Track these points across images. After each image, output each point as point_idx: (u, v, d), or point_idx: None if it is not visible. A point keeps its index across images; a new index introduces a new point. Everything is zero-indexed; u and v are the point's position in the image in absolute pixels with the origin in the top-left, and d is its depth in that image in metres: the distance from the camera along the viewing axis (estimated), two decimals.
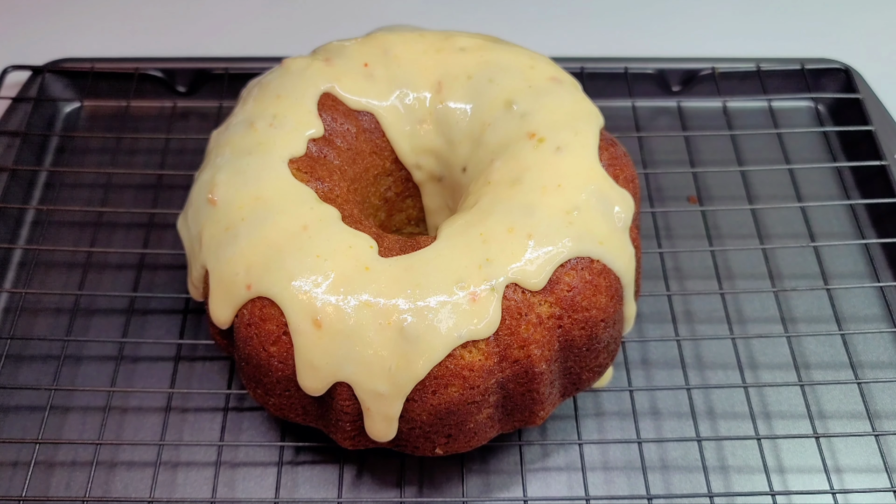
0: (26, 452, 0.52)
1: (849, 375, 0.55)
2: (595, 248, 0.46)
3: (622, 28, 0.77)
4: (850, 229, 0.64)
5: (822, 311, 0.59)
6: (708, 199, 0.65)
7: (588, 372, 0.49)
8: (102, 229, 0.63)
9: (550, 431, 0.54)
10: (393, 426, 0.46)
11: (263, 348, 0.46)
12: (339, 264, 0.45)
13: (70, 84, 0.71)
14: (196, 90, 0.71)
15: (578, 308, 0.46)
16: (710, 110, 0.71)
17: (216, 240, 0.48)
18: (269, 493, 0.51)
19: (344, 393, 0.45)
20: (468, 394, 0.44)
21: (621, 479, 0.52)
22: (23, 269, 0.61)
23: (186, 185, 0.63)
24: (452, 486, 0.52)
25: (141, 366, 0.56)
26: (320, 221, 0.47)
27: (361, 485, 0.51)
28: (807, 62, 0.71)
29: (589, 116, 0.51)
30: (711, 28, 0.78)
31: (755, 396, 0.55)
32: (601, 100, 0.66)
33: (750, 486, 0.52)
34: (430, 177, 0.55)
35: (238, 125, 0.52)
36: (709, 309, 0.59)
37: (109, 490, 0.51)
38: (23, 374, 0.56)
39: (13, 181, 0.63)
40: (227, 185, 0.49)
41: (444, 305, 0.43)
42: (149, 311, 0.59)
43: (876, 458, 0.53)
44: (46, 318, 0.59)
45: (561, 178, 0.48)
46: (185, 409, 0.54)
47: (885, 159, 0.64)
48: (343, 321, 0.44)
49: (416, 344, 0.43)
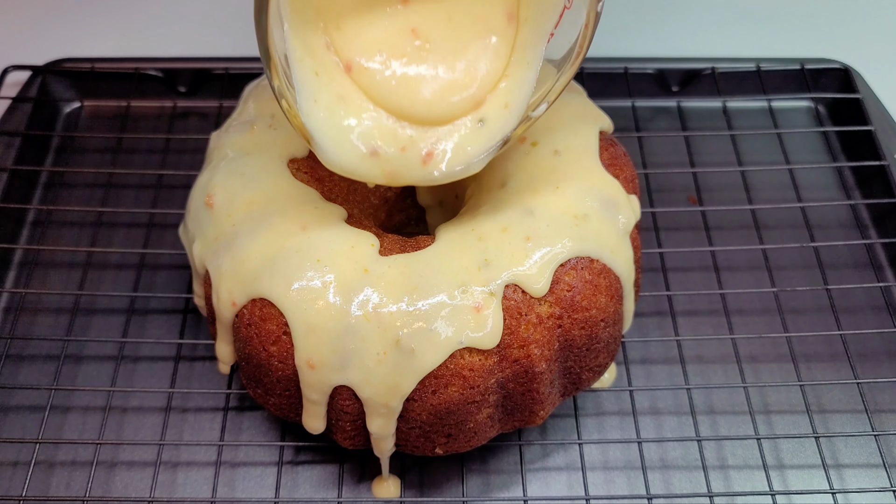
0: (26, 452, 0.52)
1: (849, 375, 0.55)
2: (595, 247, 0.46)
3: (622, 28, 0.77)
4: (851, 229, 0.64)
5: (822, 311, 0.58)
6: (708, 199, 0.65)
7: (588, 372, 0.49)
8: (102, 229, 0.63)
9: (550, 431, 0.54)
10: (391, 425, 0.46)
11: (263, 348, 0.46)
12: (339, 266, 0.45)
13: (70, 84, 0.71)
14: (196, 90, 0.71)
15: (578, 308, 0.46)
16: (709, 110, 0.71)
17: (216, 242, 0.48)
18: (269, 493, 0.51)
19: (344, 393, 0.45)
20: (468, 393, 0.44)
21: (621, 479, 0.52)
22: (23, 269, 0.61)
23: (186, 185, 0.63)
24: (452, 486, 0.52)
25: (141, 366, 0.56)
26: (320, 222, 0.47)
27: (361, 485, 0.51)
28: (806, 62, 0.71)
29: (588, 118, 0.51)
30: (711, 28, 0.78)
31: (755, 396, 0.55)
32: (601, 100, 0.65)
33: (750, 485, 0.52)
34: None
35: (238, 126, 0.53)
36: (709, 309, 0.59)
37: (109, 490, 0.51)
38: (23, 374, 0.56)
39: (13, 181, 0.63)
40: (226, 187, 0.49)
41: (444, 308, 0.43)
42: (149, 311, 0.59)
43: (876, 457, 0.53)
44: (46, 318, 0.59)
45: (560, 180, 0.48)
46: (185, 409, 0.54)
47: (885, 159, 0.64)
48: (342, 326, 0.44)
49: (414, 352, 0.43)
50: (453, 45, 0.43)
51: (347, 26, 0.43)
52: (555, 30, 0.43)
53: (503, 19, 0.43)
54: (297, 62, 0.42)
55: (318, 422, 0.47)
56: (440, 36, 0.43)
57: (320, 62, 0.42)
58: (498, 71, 0.44)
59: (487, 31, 0.43)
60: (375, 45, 0.43)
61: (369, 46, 0.43)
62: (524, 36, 0.43)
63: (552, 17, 0.43)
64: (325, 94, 0.42)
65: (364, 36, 0.43)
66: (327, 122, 0.42)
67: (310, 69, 0.42)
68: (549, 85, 0.44)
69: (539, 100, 0.44)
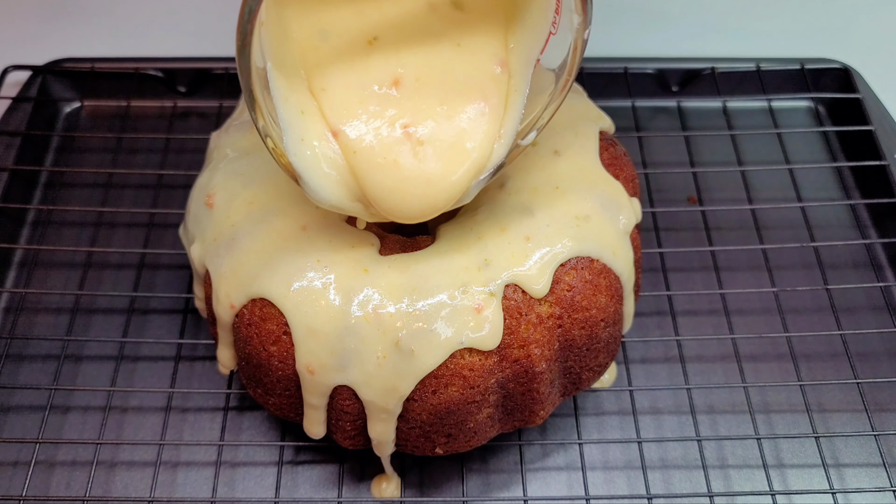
0: (26, 452, 0.52)
1: (849, 375, 0.55)
2: (595, 247, 0.46)
3: (622, 28, 0.77)
4: (851, 229, 0.64)
5: (822, 311, 0.58)
6: (708, 199, 0.65)
7: (588, 371, 0.49)
8: (102, 229, 0.63)
9: (550, 431, 0.54)
10: (391, 428, 0.46)
11: (263, 348, 0.46)
12: (339, 266, 0.45)
13: (70, 84, 0.71)
14: (196, 90, 0.71)
15: (578, 308, 0.46)
16: (709, 110, 0.71)
17: (216, 242, 0.48)
18: (269, 492, 0.51)
19: (344, 393, 0.45)
20: (468, 393, 0.44)
21: (621, 479, 0.52)
22: (23, 269, 0.61)
23: (186, 185, 0.63)
24: (452, 486, 0.52)
25: (141, 365, 0.56)
26: (320, 222, 0.47)
27: (361, 485, 0.51)
28: (806, 62, 0.71)
29: (588, 118, 0.51)
30: (711, 28, 0.78)
31: (755, 396, 0.55)
32: (601, 100, 0.65)
33: (750, 485, 0.52)
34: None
35: (238, 126, 0.53)
36: (709, 309, 0.59)
37: (109, 490, 0.51)
38: (23, 373, 0.56)
39: (13, 181, 0.63)
40: (226, 188, 0.49)
41: (444, 308, 0.43)
42: (149, 311, 0.59)
43: (876, 457, 0.53)
44: (46, 318, 0.59)
45: (560, 180, 0.48)
46: (185, 409, 0.54)
47: (885, 159, 0.64)
48: (343, 327, 0.44)
49: (414, 354, 0.43)
50: (446, 120, 0.42)
51: (332, 91, 0.42)
52: (540, 56, 0.42)
53: (495, 70, 0.42)
54: (283, 101, 0.40)
55: (319, 427, 0.48)
56: (432, 108, 0.42)
57: (305, 101, 0.41)
58: (494, 133, 0.43)
59: (482, 94, 0.42)
60: (358, 116, 0.42)
61: (352, 117, 0.42)
62: (512, 64, 0.43)
63: (539, 44, 0.42)
64: (312, 133, 0.41)
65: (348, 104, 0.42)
66: (314, 160, 0.41)
67: (295, 108, 0.41)
68: (538, 112, 0.43)
69: (528, 127, 0.43)
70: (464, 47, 0.42)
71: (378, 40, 0.42)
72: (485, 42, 0.42)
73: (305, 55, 0.41)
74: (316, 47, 0.41)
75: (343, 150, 0.42)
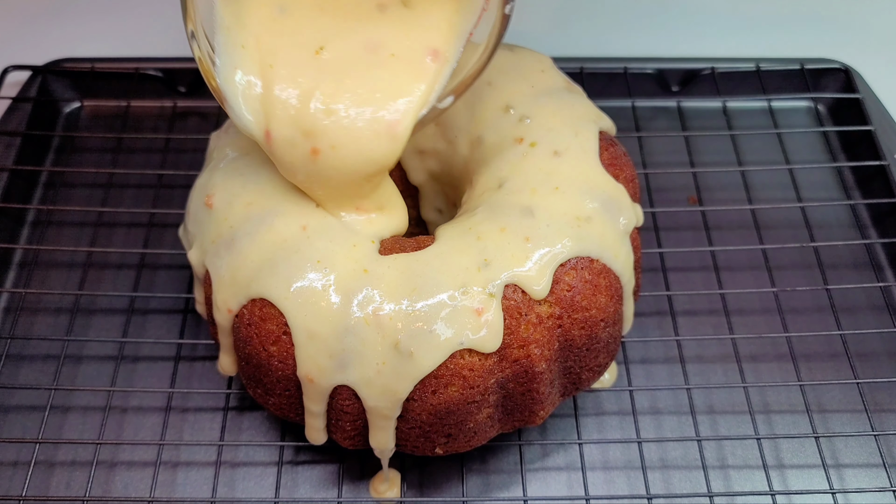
0: (26, 452, 0.52)
1: (849, 375, 0.55)
2: (595, 248, 0.46)
3: (622, 28, 0.77)
4: (851, 229, 0.64)
5: (822, 311, 0.59)
6: (708, 199, 0.65)
7: (588, 371, 0.49)
8: (102, 229, 0.63)
9: (550, 431, 0.54)
10: (391, 435, 0.46)
11: (263, 348, 0.46)
12: (339, 266, 0.45)
13: (70, 84, 0.71)
14: (196, 90, 0.71)
15: (578, 308, 0.46)
16: (709, 110, 0.71)
17: (216, 242, 0.48)
18: (269, 493, 0.51)
19: (344, 393, 0.45)
20: (468, 393, 0.44)
21: (621, 479, 0.52)
22: (23, 269, 0.61)
23: (186, 185, 0.63)
24: (452, 486, 0.52)
25: (141, 366, 0.56)
26: (320, 221, 0.47)
27: (361, 485, 0.51)
28: (806, 62, 0.71)
29: (588, 118, 0.51)
30: (711, 28, 0.78)
31: (755, 396, 0.55)
32: (601, 100, 0.66)
33: (750, 485, 0.52)
34: (430, 177, 0.55)
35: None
36: (709, 309, 0.59)
37: (109, 490, 0.51)
38: (23, 373, 0.56)
39: (13, 181, 0.63)
40: (225, 188, 0.48)
41: (444, 309, 0.43)
42: (149, 311, 0.59)
43: (876, 457, 0.53)
44: (46, 318, 0.59)
45: (559, 181, 0.48)
46: (185, 409, 0.54)
47: (884, 159, 0.64)
48: (343, 328, 0.44)
49: (413, 355, 0.43)
50: (368, 82, 0.44)
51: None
52: (474, 30, 0.44)
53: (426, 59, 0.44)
54: (225, 29, 0.42)
55: (320, 434, 0.48)
56: (356, 71, 0.44)
57: (248, 39, 0.43)
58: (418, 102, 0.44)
59: (413, 76, 0.44)
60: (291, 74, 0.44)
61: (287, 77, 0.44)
62: (448, 40, 0.45)
63: (472, 19, 0.44)
64: (248, 67, 0.43)
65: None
66: (244, 90, 0.43)
67: (237, 41, 0.43)
68: (459, 78, 0.45)
69: (447, 93, 0.45)
70: (406, 22, 0.44)
71: (324, 11, 0.44)
72: (429, 19, 0.44)
73: (262, 23, 0.43)
74: (274, 18, 0.43)
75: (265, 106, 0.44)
